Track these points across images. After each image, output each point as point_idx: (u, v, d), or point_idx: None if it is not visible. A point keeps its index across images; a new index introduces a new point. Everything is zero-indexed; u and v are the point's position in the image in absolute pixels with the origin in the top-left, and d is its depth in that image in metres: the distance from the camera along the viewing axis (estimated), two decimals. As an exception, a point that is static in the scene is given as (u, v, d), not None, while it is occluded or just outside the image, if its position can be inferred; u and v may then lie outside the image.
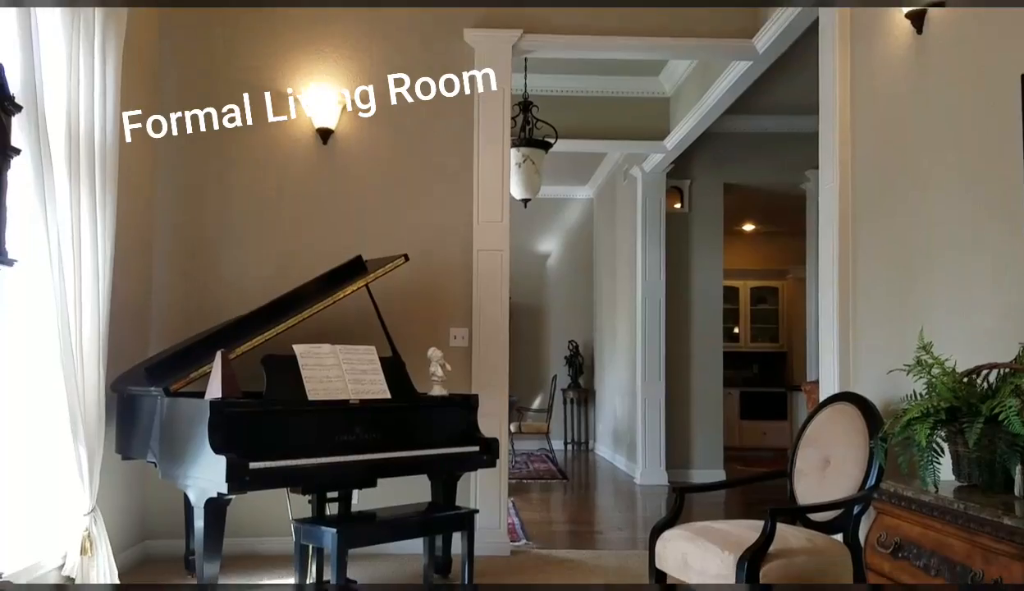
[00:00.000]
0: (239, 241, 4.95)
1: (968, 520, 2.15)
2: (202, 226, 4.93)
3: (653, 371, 7.92)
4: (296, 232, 4.97)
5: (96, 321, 3.81)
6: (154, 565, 4.56)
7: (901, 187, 3.55)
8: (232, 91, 4.94)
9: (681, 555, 3.31)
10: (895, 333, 3.52)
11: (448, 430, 4.20)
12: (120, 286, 4.20)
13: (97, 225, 3.83)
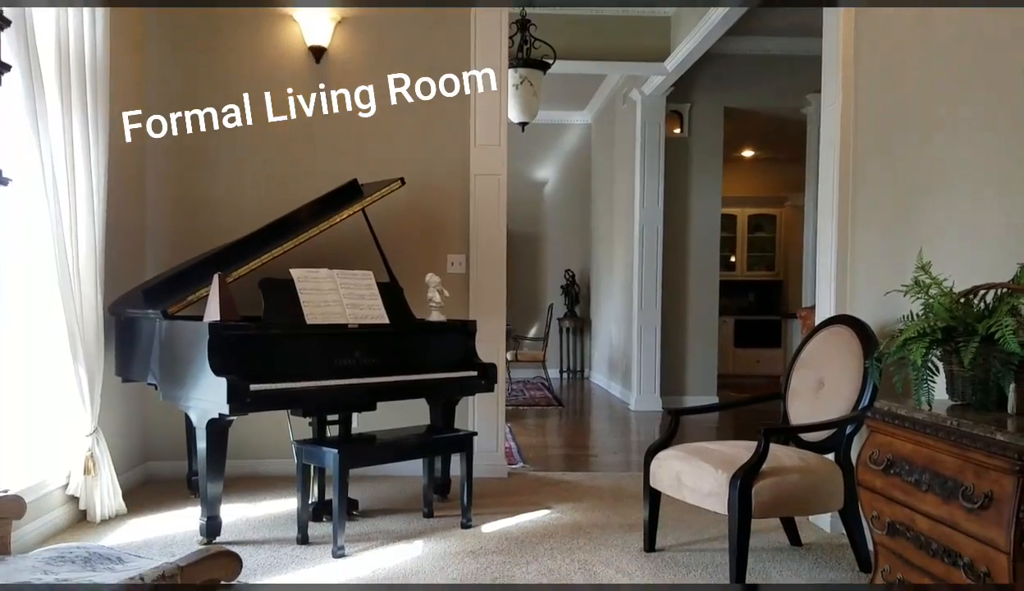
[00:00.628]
0: (232, 165, 4.88)
1: (961, 436, 2.18)
2: (194, 148, 4.86)
3: (650, 299, 7.94)
4: (290, 155, 4.90)
5: (92, 242, 3.80)
6: (157, 486, 4.63)
7: (904, 109, 3.50)
8: (224, 9, 4.82)
9: (675, 474, 3.37)
10: (893, 257, 3.51)
11: (446, 355, 4.22)
12: (114, 209, 4.16)
13: (90, 145, 3.78)
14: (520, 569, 3.33)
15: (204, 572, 1.57)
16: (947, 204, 3.20)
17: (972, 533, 2.09)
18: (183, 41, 4.84)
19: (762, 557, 3.54)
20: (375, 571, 3.29)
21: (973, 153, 3.05)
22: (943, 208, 3.22)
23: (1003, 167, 2.87)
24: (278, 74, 4.87)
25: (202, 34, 4.85)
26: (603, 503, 4.39)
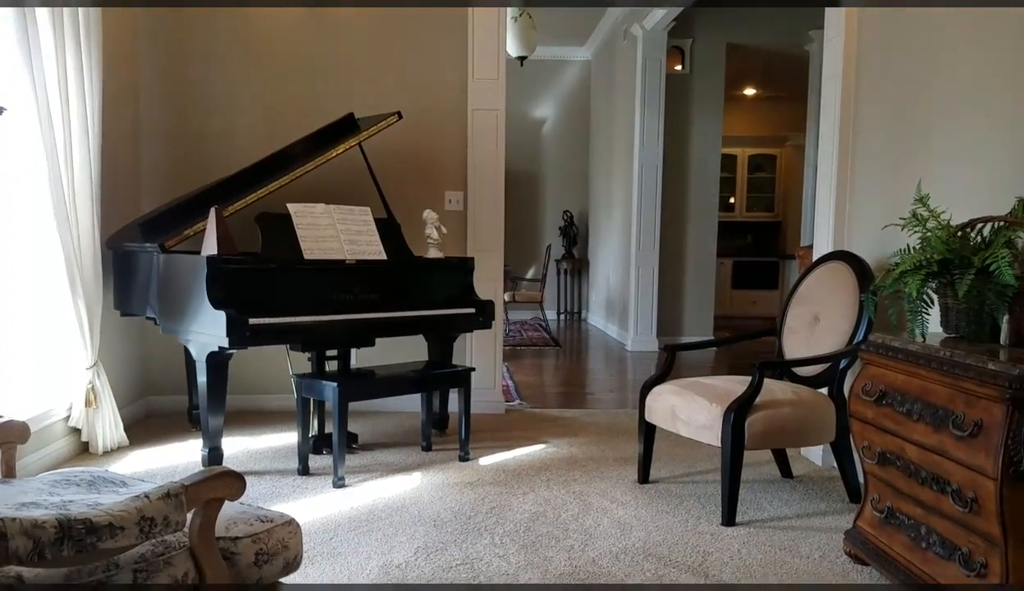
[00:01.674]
0: (226, 98, 4.82)
1: (953, 366, 2.20)
2: (188, 82, 4.79)
3: (648, 239, 7.93)
4: (285, 89, 4.83)
5: (88, 175, 3.77)
6: (158, 419, 4.69)
7: (905, 45, 3.45)
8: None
9: (670, 408, 3.42)
10: (892, 193, 3.50)
11: (444, 292, 4.23)
12: (109, 143, 4.12)
13: (84, 77, 3.73)
14: (517, 499, 3.40)
15: (208, 491, 1.60)
16: (946, 140, 3.18)
17: (961, 460, 2.13)
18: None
19: (754, 488, 3.61)
20: (375, 500, 3.35)
21: (973, 89, 3.02)
22: (942, 143, 3.20)
23: (1003, 102, 2.84)
24: (273, 7, 4.77)
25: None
26: (598, 438, 4.46)
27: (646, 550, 2.89)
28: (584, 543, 2.94)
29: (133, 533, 1.48)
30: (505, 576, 2.64)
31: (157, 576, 1.57)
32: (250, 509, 1.86)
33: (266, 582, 1.76)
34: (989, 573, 2.07)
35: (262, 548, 1.73)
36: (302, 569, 2.64)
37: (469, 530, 3.04)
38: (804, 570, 2.73)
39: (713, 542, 2.98)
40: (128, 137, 4.62)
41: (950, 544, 2.24)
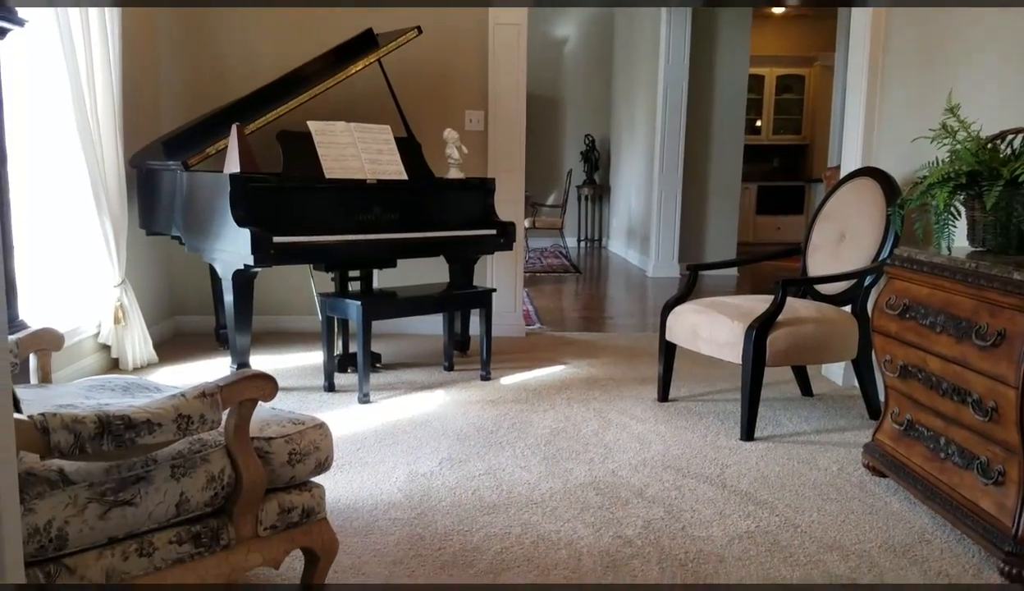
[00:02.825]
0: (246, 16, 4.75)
1: (978, 277, 2.19)
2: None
3: (672, 162, 7.83)
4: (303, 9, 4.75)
5: (109, 92, 3.77)
6: (186, 338, 4.79)
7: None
8: None
9: (691, 326, 3.43)
10: (922, 109, 3.42)
11: (465, 213, 4.23)
12: (129, 61, 4.11)
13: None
14: (538, 416, 3.46)
15: (242, 391, 1.65)
16: (979, 53, 3.08)
17: (983, 370, 2.14)
18: None
19: (773, 406, 3.65)
20: (400, 415, 3.42)
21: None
22: (975, 57, 3.11)
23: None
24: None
25: None
26: (618, 359, 4.50)
27: (665, 462, 2.94)
28: (604, 456, 3.00)
29: (170, 430, 1.53)
30: (527, 485, 2.70)
31: (194, 472, 1.63)
32: (282, 413, 1.91)
33: (299, 480, 1.82)
34: (1007, 480, 2.10)
35: (295, 448, 1.79)
36: (332, 476, 2.72)
37: (492, 444, 3.11)
38: (821, 481, 2.78)
39: (731, 455, 3.02)
40: (148, 56, 4.59)
41: (968, 454, 2.26)
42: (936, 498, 2.36)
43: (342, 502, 2.55)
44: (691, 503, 2.59)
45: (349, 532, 2.34)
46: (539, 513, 2.49)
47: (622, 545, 2.29)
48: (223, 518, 1.69)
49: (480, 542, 2.29)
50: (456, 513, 2.48)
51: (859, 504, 2.59)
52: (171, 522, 1.63)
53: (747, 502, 2.60)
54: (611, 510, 2.52)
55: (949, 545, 2.31)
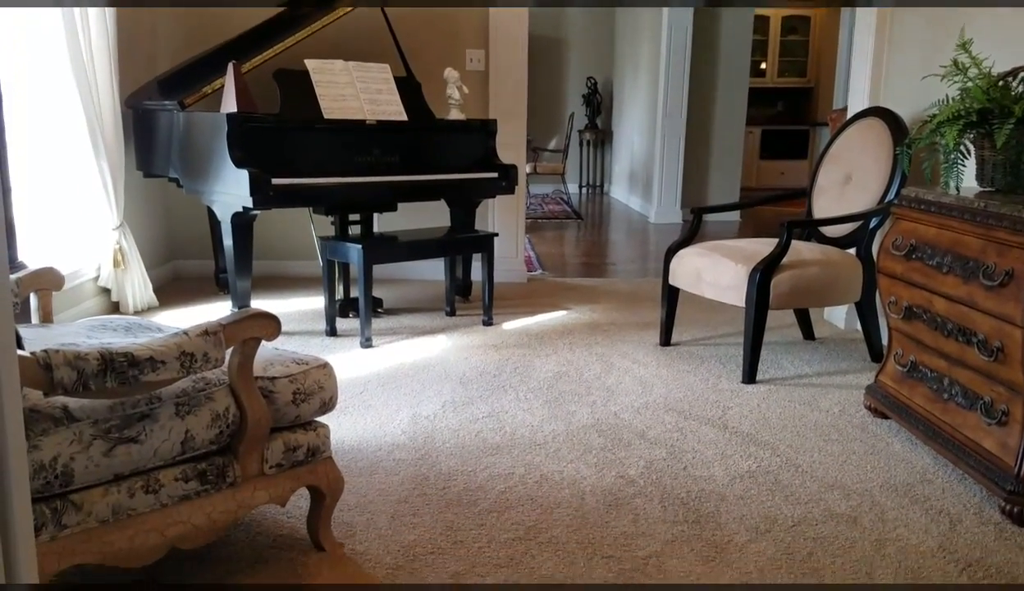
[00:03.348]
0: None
1: (987, 217, 2.16)
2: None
3: (675, 105, 7.71)
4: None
5: (104, 30, 3.69)
6: (185, 282, 4.77)
7: None
8: None
9: (695, 270, 3.41)
10: (932, 46, 3.35)
11: (467, 155, 4.17)
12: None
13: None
14: (540, 360, 3.46)
15: (245, 330, 1.64)
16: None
17: (989, 310, 2.13)
18: None
19: (775, 349, 3.65)
20: (402, 359, 3.42)
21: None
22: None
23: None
24: None
25: None
26: (620, 305, 4.49)
27: (667, 405, 2.95)
28: (606, 399, 3.01)
29: (174, 367, 1.52)
30: (530, 427, 2.71)
31: (199, 410, 1.63)
32: (286, 353, 1.91)
33: (303, 420, 1.82)
34: (1010, 420, 2.10)
35: (299, 388, 1.78)
36: (336, 419, 2.73)
37: (495, 387, 3.11)
38: (823, 422, 2.79)
39: (733, 398, 3.03)
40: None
41: (972, 394, 2.26)
42: (938, 438, 2.37)
43: (346, 443, 2.56)
44: (693, 444, 2.60)
45: (354, 472, 2.35)
46: (542, 454, 2.51)
47: (624, 484, 2.31)
48: (228, 456, 1.70)
49: (484, 482, 2.31)
50: (460, 454, 2.49)
51: (860, 445, 2.61)
52: (176, 460, 1.63)
53: (748, 443, 2.61)
54: (613, 451, 2.53)
55: (951, 484, 2.33)
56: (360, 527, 2.05)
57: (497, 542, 1.99)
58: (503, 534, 2.03)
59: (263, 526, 2.05)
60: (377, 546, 1.97)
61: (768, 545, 2.00)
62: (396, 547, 1.96)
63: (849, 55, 4.12)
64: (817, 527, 2.08)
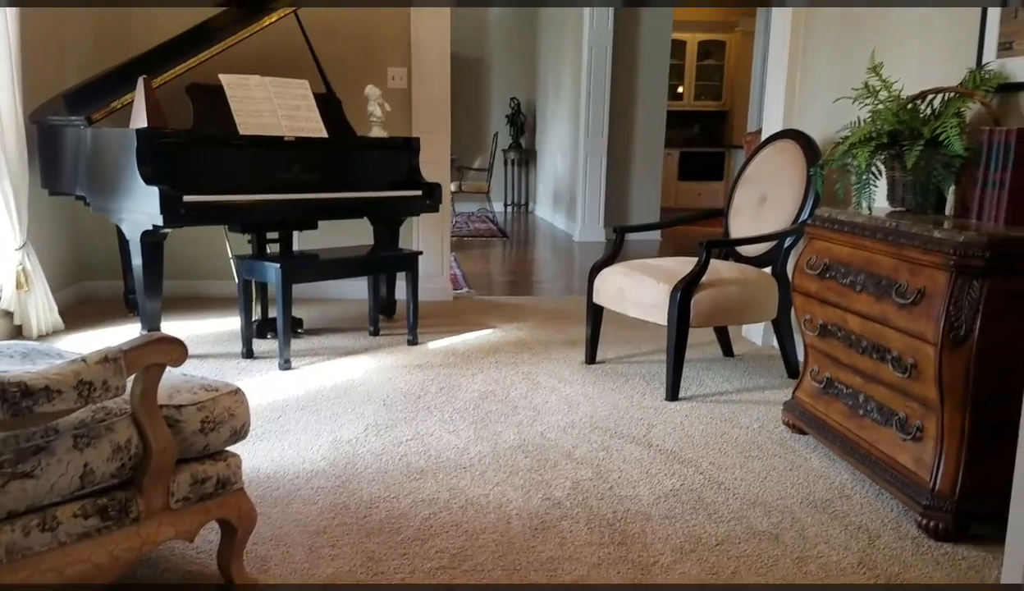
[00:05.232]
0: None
1: (899, 236, 2.23)
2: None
3: (597, 126, 7.82)
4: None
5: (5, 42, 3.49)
6: (94, 304, 4.55)
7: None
8: None
9: (618, 289, 3.43)
10: (844, 71, 3.47)
11: (390, 173, 4.12)
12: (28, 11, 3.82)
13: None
14: (466, 380, 3.41)
15: (148, 356, 1.54)
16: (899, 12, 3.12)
17: (902, 328, 2.18)
18: None
19: (697, 367, 3.69)
20: (323, 381, 3.33)
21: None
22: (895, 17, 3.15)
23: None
24: None
25: None
26: (546, 323, 4.48)
27: (593, 423, 2.94)
28: (532, 419, 2.98)
29: (71, 397, 1.42)
30: (455, 449, 2.66)
31: (99, 442, 1.52)
32: (194, 378, 1.81)
33: (212, 450, 1.72)
34: (925, 436, 2.16)
35: (208, 416, 1.69)
36: (251, 446, 2.62)
37: (419, 408, 3.05)
38: (743, 439, 2.82)
39: (657, 415, 3.05)
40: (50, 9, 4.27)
41: (887, 410, 2.32)
42: (855, 454, 2.42)
43: (262, 472, 2.46)
44: (618, 463, 2.59)
45: (270, 502, 2.26)
46: (467, 477, 2.46)
47: (551, 507, 2.28)
48: (131, 490, 1.60)
49: (407, 508, 2.24)
50: (382, 480, 2.42)
51: (780, 461, 2.64)
52: (75, 495, 1.52)
53: (672, 461, 2.62)
54: (540, 472, 2.50)
55: (868, 500, 2.38)
56: (275, 561, 1.96)
57: (421, 572, 1.93)
58: (427, 563, 1.97)
59: (171, 562, 1.94)
60: (293, 580, 1.88)
61: (693, 565, 1.99)
62: (314, 581, 1.88)
63: (763, 79, 4.23)
64: (740, 545, 2.09)
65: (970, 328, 1.98)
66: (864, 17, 3.34)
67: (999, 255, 1.95)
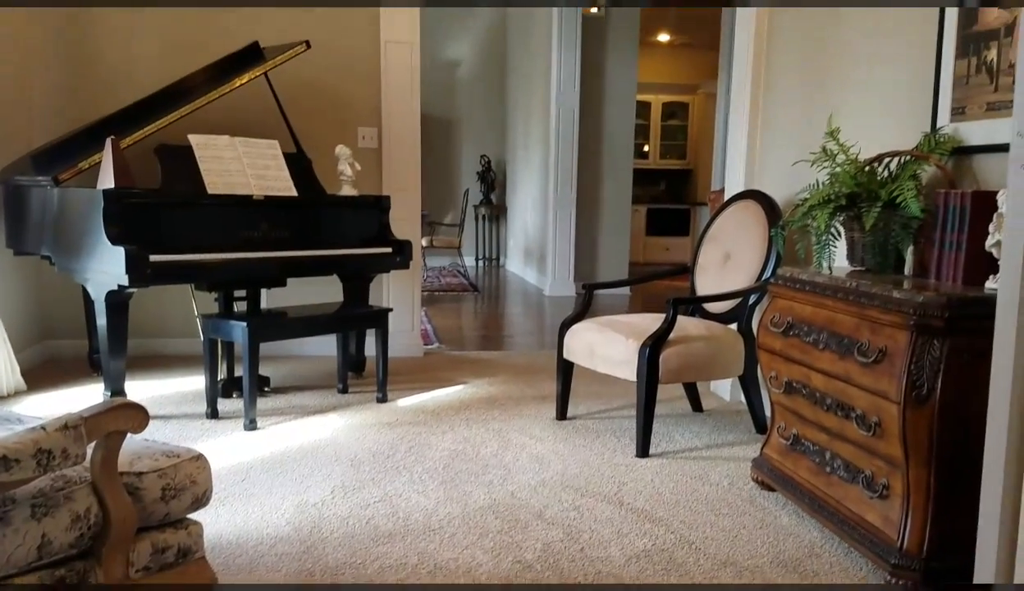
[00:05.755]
0: (125, 27, 4.52)
1: (859, 295, 2.27)
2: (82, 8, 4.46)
3: (565, 184, 7.94)
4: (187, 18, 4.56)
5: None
6: (57, 364, 4.47)
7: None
8: None
9: (588, 345, 3.45)
10: (802, 134, 3.57)
11: (360, 231, 4.13)
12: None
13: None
14: (436, 438, 3.38)
15: (109, 422, 1.52)
16: (855, 78, 3.23)
17: (865, 386, 2.21)
18: None
19: (667, 422, 3.70)
20: (289, 442, 3.28)
21: (882, 26, 3.07)
22: (852, 82, 3.26)
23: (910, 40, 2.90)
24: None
25: None
26: (517, 378, 4.48)
27: (564, 482, 2.92)
28: (503, 477, 2.95)
29: (29, 466, 1.38)
30: (424, 511, 2.63)
31: (57, 511, 1.49)
32: (155, 444, 1.78)
33: (174, 518, 1.69)
34: (891, 494, 2.17)
35: (169, 483, 1.66)
36: (214, 510, 2.57)
37: (388, 469, 3.02)
38: (713, 496, 2.82)
39: (628, 473, 3.04)
40: (18, 65, 4.28)
41: (854, 468, 2.34)
42: (823, 512, 2.43)
43: (225, 538, 2.40)
44: (589, 523, 2.57)
45: (232, 570, 2.20)
46: (437, 541, 2.42)
47: (521, 570, 2.25)
48: (91, 560, 1.55)
49: (374, 575, 2.20)
50: (348, 545, 2.38)
51: (750, 519, 2.64)
52: (33, 566, 1.48)
53: (644, 520, 2.60)
54: (510, 534, 2.48)
55: (838, 558, 2.38)
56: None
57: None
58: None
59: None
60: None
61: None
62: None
63: (725, 139, 4.34)
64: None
65: (932, 387, 2.01)
66: (822, 82, 3.45)
67: (958, 315, 2.00)
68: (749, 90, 3.93)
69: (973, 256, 2.22)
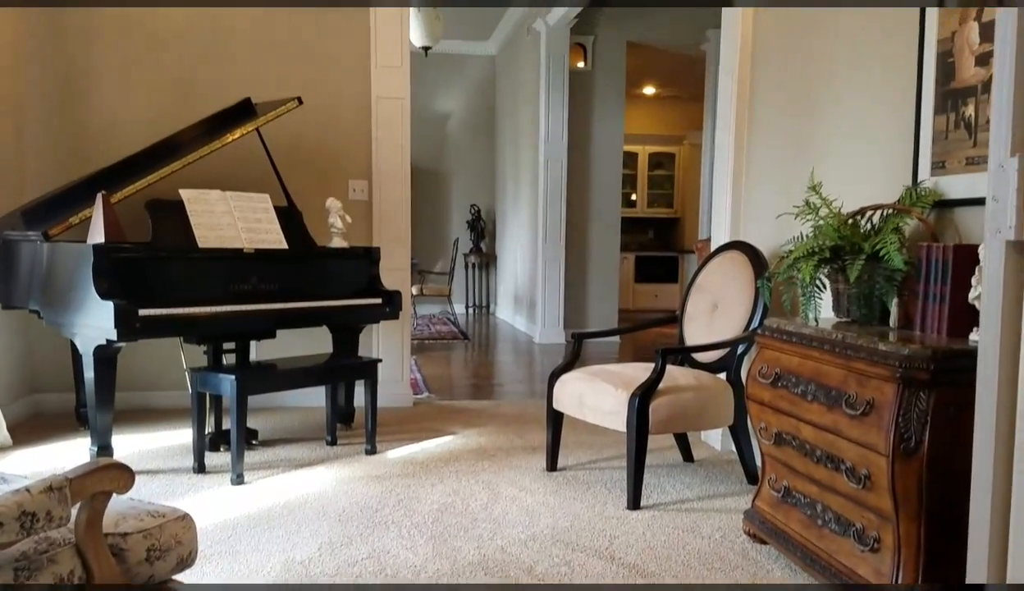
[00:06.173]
0: (117, 82, 4.58)
1: (846, 348, 2.29)
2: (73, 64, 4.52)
3: (554, 232, 8.02)
4: (180, 73, 4.62)
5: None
6: (44, 418, 4.42)
7: (800, 34, 3.57)
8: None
9: (578, 395, 3.45)
10: (786, 185, 3.63)
11: (350, 282, 4.14)
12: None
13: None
14: (425, 491, 3.36)
15: (94, 483, 1.50)
16: (838, 131, 3.30)
17: (854, 438, 2.22)
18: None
19: (658, 473, 3.68)
20: (277, 497, 3.24)
21: (865, 81, 3.14)
22: (834, 135, 3.32)
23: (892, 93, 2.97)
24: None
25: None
26: (507, 428, 4.46)
27: (554, 536, 2.90)
28: (493, 532, 2.93)
29: (13, 529, 1.37)
30: (413, 568, 2.60)
31: (40, 574, 1.47)
32: (140, 504, 1.76)
33: (159, 579, 1.67)
34: (882, 547, 2.17)
35: (154, 544, 1.64)
36: (199, 568, 2.53)
37: (376, 523, 2.99)
38: (705, 550, 2.80)
39: (619, 526, 3.01)
40: (9, 122, 4.32)
41: (845, 520, 2.33)
42: (816, 565, 2.41)
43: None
44: (580, 579, 2.54)
45: (218, 630, 2.16)
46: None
47: (511, 628, 2.22)
48: (72, 626, 1.52)
49: (362, 633, 2.17)
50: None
51: (742, 573, 2.62)
52: (11, 634, 1.45)
53: (635, 575, 2.58)
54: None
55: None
56: None
57: None
58: None
59: None
60: None
61: (657, 688, 1.94)
62: None
63: (711, 189, 4.40)
64: (705, 665, 2.05)
65: (919, 439, 2.02)
66: (806, 134, 3.52)
67: (943, 368, 2.01)
68: (733, 142, 4.00)
69: (957, 308, 2.25)
